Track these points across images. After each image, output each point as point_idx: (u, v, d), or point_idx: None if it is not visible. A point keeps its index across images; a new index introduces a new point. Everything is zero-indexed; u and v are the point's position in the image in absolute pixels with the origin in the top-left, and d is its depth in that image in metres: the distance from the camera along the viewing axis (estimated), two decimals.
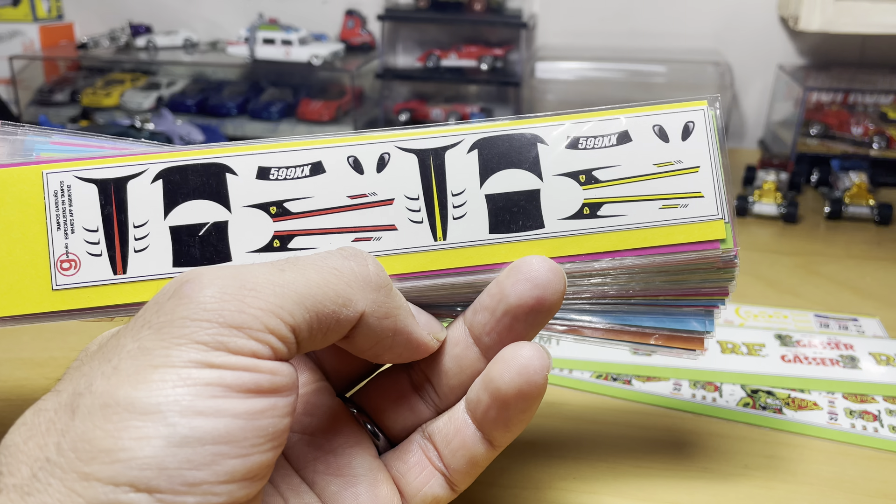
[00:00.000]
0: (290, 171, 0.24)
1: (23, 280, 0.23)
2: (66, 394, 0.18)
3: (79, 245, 0.23)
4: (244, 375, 0.18)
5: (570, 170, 0.25)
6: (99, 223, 0.24)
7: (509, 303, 0.23)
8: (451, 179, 0.25)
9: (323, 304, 0.20)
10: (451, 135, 0.25)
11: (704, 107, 0.26)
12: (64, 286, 0.23)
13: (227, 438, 0.17)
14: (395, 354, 0.23)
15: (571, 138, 0.25)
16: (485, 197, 0.25)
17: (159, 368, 0.17)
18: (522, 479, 0.30)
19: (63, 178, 0.24)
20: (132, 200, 0.24)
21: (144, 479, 0.16)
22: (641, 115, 0.26)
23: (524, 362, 0.22)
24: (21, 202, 0.23)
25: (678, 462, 0.31)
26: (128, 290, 0.23)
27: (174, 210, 0.24)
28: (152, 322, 0.18)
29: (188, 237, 0.24)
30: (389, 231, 0.24)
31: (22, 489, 0.16)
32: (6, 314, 0.23)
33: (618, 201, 0.25)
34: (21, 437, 0.18)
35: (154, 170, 0.24)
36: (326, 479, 0.23)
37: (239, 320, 0.18)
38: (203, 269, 0.19)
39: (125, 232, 0.24)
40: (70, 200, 0.24)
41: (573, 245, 0.25)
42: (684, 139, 0.25)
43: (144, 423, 0.17)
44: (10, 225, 0.23)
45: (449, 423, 0.24)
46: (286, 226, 0.24)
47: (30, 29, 0.89)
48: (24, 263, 0.23)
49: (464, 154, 0.25)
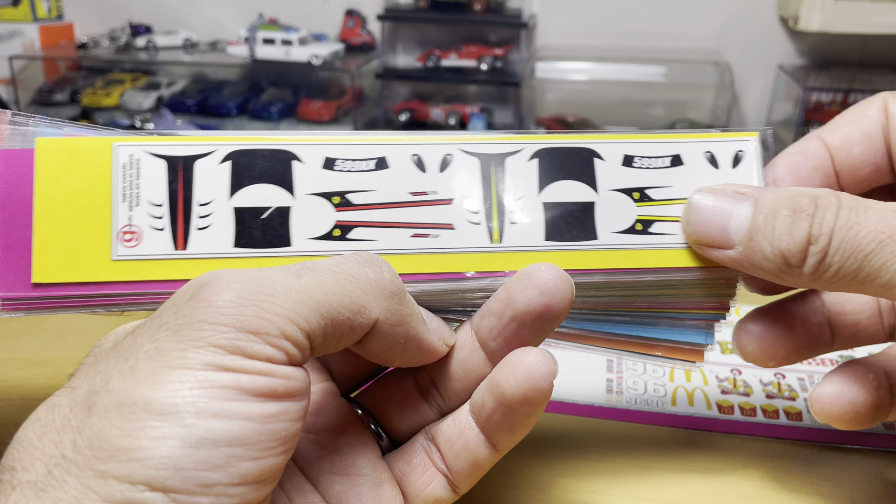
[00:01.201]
0: (355, 164, 0.25)
1: (83, 248, 0.23)
2: (82, 391, 0.18)
3: (142, 218, 0.24)
4: (259, 380, 0.18)
5: (625, 186, 0.26)
6: (165, 198, 0.24)
7: (517, 308, 0.23)
8: (510, 185, 0.25)
9: (338, 310, 0.20)
10: (513, 142, 0.26)
11: (756, 137, 0.27)
12: (123, 257, 0.23)
13: (242, 441, 0.17)
14: (405, 359, 0.23)
15: (627, 156, 0.26)
16: (542, 204, 0.25)
17: (176, 370, 0.17)
18: (523, 479, 0.30)
19: (133, 151, 0.24)
20: (199, 179, 0.24)
21: (160, 479, 0.16)
22: (694, 142, 0.26)
23: (530, 367, 0.22)
24: (89, 172, 0.24)
25: (678, 462, 0.31)
26: (186, 266, 0.24)
27: (240, 191, 0.24)
28: (170, 323, 0.18)
29: (251, 219, 0.24)
30: (447, 230, 0.25)
31: (36, 485, 0.16)
32: (64, 280, 0.23)
33: (669, 220, 0.26)
34: (35, 433, 0.18)
35: (223, 151, 0.24)
36: (331, 478, 0.23)
37: (256, 325, 0.18)
38: (222, 272, 0.19)
39: (189, 209, 0.24)
40: (138, 174, 0.24)
41: (624, 259, 0.25)
42: (734, 166, 0.26)
43: (161, 423, 0.17)
44: (76, 193, 0.23)
45: (453, 425, 0.24)
46: (347, 216, 0.24)
47: (30, 29, 0.89)
48: (85, 231, 0.23)
49: (525, 161, 0.26)
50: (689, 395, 0.36)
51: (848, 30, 0.67)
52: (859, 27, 0.67)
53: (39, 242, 0.23)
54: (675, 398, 0.36)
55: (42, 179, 0.23)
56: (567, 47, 0.87)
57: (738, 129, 0.27)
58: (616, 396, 0.36)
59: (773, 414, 0.35)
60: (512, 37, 0.85)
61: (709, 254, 0.25)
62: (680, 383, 0.37)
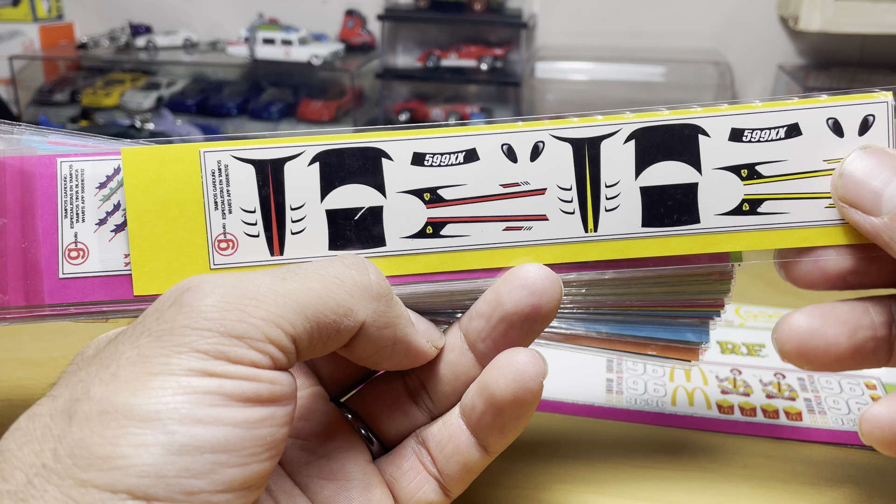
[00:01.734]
0: (445, 158, 0.24)
1: (181, 258, 0.23)
2: (63, 399, 0.18)
3: (236, 225, 0.24)
4: (244, 385, 0.18)
5: (731, 163, 0.24)
6: (256, 204, 0.24)
7: (505, 310, 0.23)
8: (605, 170, 0.25)
9: (324, 313, 0.20)
10: (608, 124, 0.25)
11: (889, 98, 0.24)
12: (222, 265, 0.24)
13: (226, 447, 0.17)
14: (393, 362, 0.23)
15: (735, 130, 0.24)
16: (639, 189, 0.24)
17: (159, 376, 0.17)
18: (522, 479, 0.30)
19: (220, 157, 0.24)
20: (289, 182, 0.24)
21: (142, 487, 0.16)
22: (815, 107, 0.24)
23: (520, 368, 0.22)
24: (179, 181, 0.23)
25: (678, 462, 0.31)
26: None
27: (331, 193, 0.24)
28: (152, 329, 0.18)
29: (344, 221, 0.24)
30: (541, 221, 0.24)
31: (17, 495, 0.16)
32: None
33: (781, 198, 0.24)
34: (16, 443, 0.17)
35: (311, 152, 0.24)
36: (319, 483, 0.23)
37: (239, 330, 0.18)
38: (204, 276, 0.19)
39: (282, 213, 0.24)
40: (227, 180, 0.24)
41: (729, 242, 0.24)
42: (861, 134, 0.24)
43: (143, 431, 0.16)
44: (168, 204, 0.23)
45: (443, 428, 0.24)
46: (439, 212, 0.24)
47: (30, 29, 0.89)
48: (181, 242, 0.23)
49: (620, 144, 0.25)
50: (689, 395, 0.36)
51: (848, 30, 0.67)
52: (859, 27, 0.67)
53: (137, 255, 0.23)
54: (674, 398, 0.36)
55: (132, 190, 0.23)
56: (567, 47, 0.87)
57: (867, 90, 0.24)
58: (616, 396, 0.36)
59: (773, 414, 0.35)
60: (512, 37, 0.85)
61: (850, 215, 0.23)
62: (680, 383, 0.37)
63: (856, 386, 0.37)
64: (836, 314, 0.24)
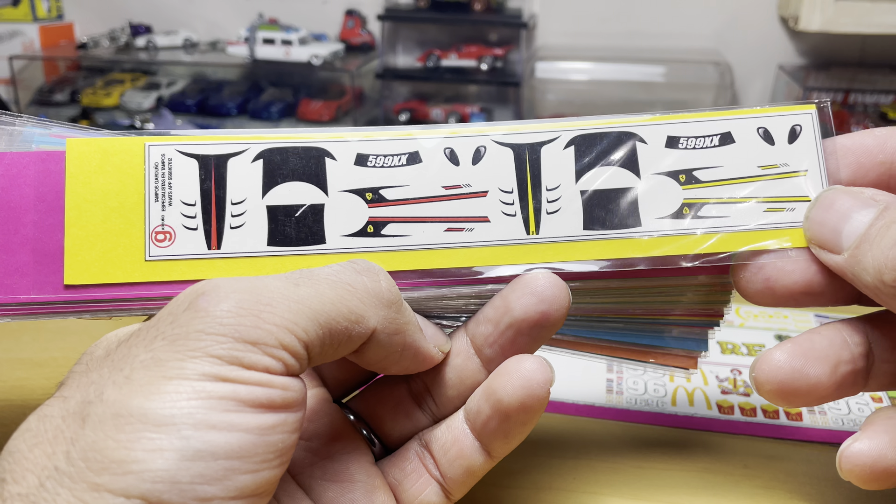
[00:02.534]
0: (388, 160, 0.25)
1: (116, 249, 0.23)
2: (75, 401, 0.18)
3: (175, 218, 0.24)
4: (257, 390, 0.18)
5: (669, 169, 0.25)
6: (197, 197, 0.24)
7: (514, 316, 0.23)
8: (546, 174, 0.25)
9: (336, 320, 0.20)
10: (547, 131, 0.25)
11: (812, 111, 0.25)
12: (157, 257, 0.23)
13: (239, 453, 0.17)
14: (401, 367, 0.23)
15: (671, 137, 0.25)
16: (580, 193, 0.25)
17: (173, 380, 0.17)
18: (522, 479, 0.30)
19: (165, 151, 0.24)
20: (231, 177, 0.24)
21: (156, 493, 0.16)
22: (745, 117, 0.25)
23: (527, 375, 0.22)
24: (121, 172, 0.23)
25: (678, 462, 0.31)
26: (220, 265, 0.24)
27: (272, 190, 0.24)
28: (166, 333, 0.18)
29: (285, 217, 0.24)
30: (482, 223, 0.24)
31: (28, 498, 0.16)
32: (98, 282, 0.23)
33: (720, 202, 0.25)
34: (26, 444, 0.17)
35: (255, 149, 0.24)
36: (323, 484, 0.23)
37: (254, 336, 0.18)
38: (219, 281, 0.19)
39: (222, 208, 0.24)
40: (170, 173, 0.24)
41: (671, 245, 0.24)
42: (791, 142, 0.25)
43: (158, 435, 0.16)
44: (108, 194, 0.23)
45: (447, 432, 0.24)
46: (381, 212, 0.24)
47: (30, 29, 0.89)
48: (118, 232, 0.23)
49: (560, 150, 0.25)
50: (690, 395, 0.36)
51: (848, 30, 0.67)
52: (859, 27, 0.67)
53: (72, 244, 0.23)
54: (675, 398, 0.36)
55: (73, 180, 0.23)
56: (567, 47, 0.87)
57: (793, 103, 0.25)
58: (616, 396, 0.36)
59: (773, 414, 0.35)
60: (512, 37, 0.85)
61: (821, 256, 0.24)
62: (680, 383, 0.37)
63: None
64: (816, 351, 0.24)
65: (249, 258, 0.24)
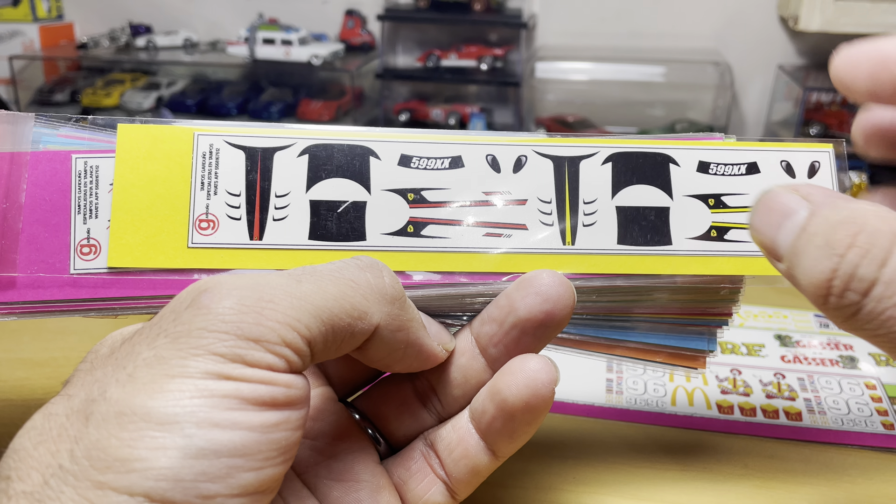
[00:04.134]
0: (431, 162, 0.25)
1: (159, 234, 0.23)
2: (79, 399, 0.18)
3: (219, 207, 0.24)
4: (260, 388, 0.18)
5: (700, 192, 0.26)
6: (242, 188, 0.24)
7: (518, 316, 0.23)
8: (583, 187, 0.25)
9: (339, 316, 0.20)
10: (588, 146, 0.26)
11: (830, 149, 0.27)
12: (199, 245, 0.24)
13: (242, 451, 0.17)
14: (404, 365, 0.23)
15: (702, 162, 0.26)
16: (615, 208, 0.25)
17: (176, 378, 0.17)
18: (523, 479, 0.30)
19: (213, 141, 0.24)
20: (277, 170, 0.24)
21: (160, 491, 0.16)
22: (770, 150, 0.26)
23: (532, 374, 0.22)
24: (169, 159, 0.24)
25: (678, 462, 0.31)
26: (261, 255, 0.24)
27: (316, 185, 0.24)
28: (169, 331, 0.18)
29: (327, 212, 0.24)
30: (520, 230, 0.25)
31: (33, 496, 0.16)
32: (140, 265, 0.23)
33: (744, 228, 0.26)
34: (31, 442, 0.17)
35: (302, 144, 0.25)
36: (328, 483, 0.23)
37: (256, 333, 0.18)
38: (222, 277, 0.19)
39: (266, 199, 0.24)
40: (217, 163, 0.24)
41: (700, 265, 0.25)
42: (810, 176, 0.26)
43: (161, 434, 0.16)
44: (155, 179, 0.24)
45: (452, 431, 0.24)
46: (421, 213, 0.25)
47: (30, 29, 0.89)
48: (162, 218, 0.24)
49: (598, 165, 0.26)
50: (689, 395, 0.36)
51: (848, 30, 0.67)
52: (859, 27, 0.67)
53: (117, 227, 0.23)
54: (674, 398, 0.36)
55: (122, 165, 0.24)
56: (567, 47, 0.87)
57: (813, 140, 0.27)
58: (616, 396, 0.36)
59: (773, 414, 0.35)
60: (512, 37, 0.85)
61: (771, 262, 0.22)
62: (680, 383, 0.37)
63: (856, 386, 0.37)
64: None
65: (290, 250, 0.24)
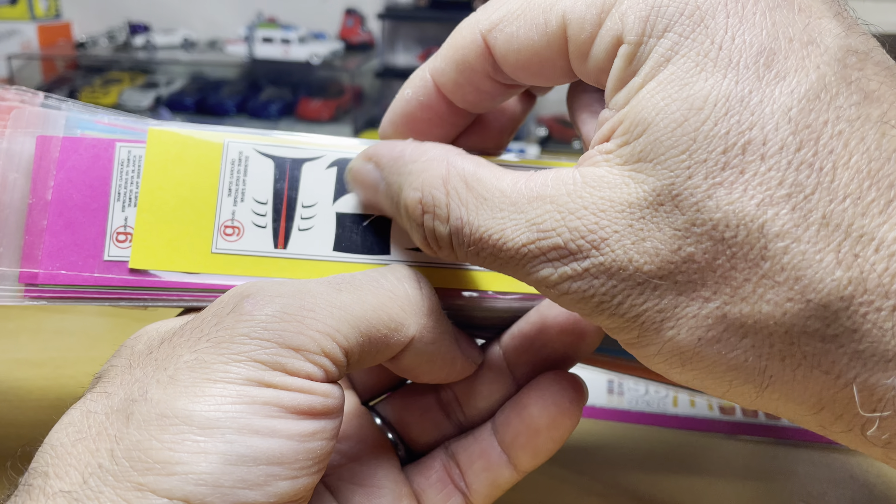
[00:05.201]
0: None
1: (183, 238, 0.24)
2: (119, 398, 0.18)
3: (245, 214, 0.24)
4: (300, 397, 0.18)
5: None
6: (270, 196, 0.24)
7: (549, 333, 0.23)
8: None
9: (376, 327, 0.20)
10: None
11: None
12: (223, 251, 0.24)
13: (280, 459, 0.17)
14: (433, 376, 0.23)
15: None
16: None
17: (218, 383, 0.17)
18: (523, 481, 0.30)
19: (243, 148, 0.24)
20: (305, 181, 0.24)
21: (199, 495, 0.16)
22: None
23: (560, 392, 0.22)
24: (198, 164, 0.24)
25: (679, 463, 0.31)
26: (284, 265, 0.24)
27: (343, 197, 0.24)
28: (211, 335, 0.18)
29: (352, 224, 0.24)
30: None
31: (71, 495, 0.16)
32: (162, 268, 0.23)
33: None
34: (69, 439, 0.17)
35: (331, 157, 0.25)
36: (351, 488, 0.23)
37: (297, 342, 0.18)
38: (264, 284, 0.19)
39: (293, 209, 0.24)
40: (245, 170, 0.24)
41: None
42: None
43: (203, 438, 0.16)
44: (183, 184, 0.24)
45: (474, 443, 0.24)
46: None
47: (27, 28, 0.89)
48: (187, 222, 0.24)
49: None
50: (691, 396, 0.36)
51: None
52: None
53: (141, 228, 0.23)
54: (676, 399, 0.36)
55: (151, 167, 0.24)
56: None
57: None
58: (617, 398, 0.36)
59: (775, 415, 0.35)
60: None
61: None
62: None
63: None
64: None
65: (313, 261, 0.24)
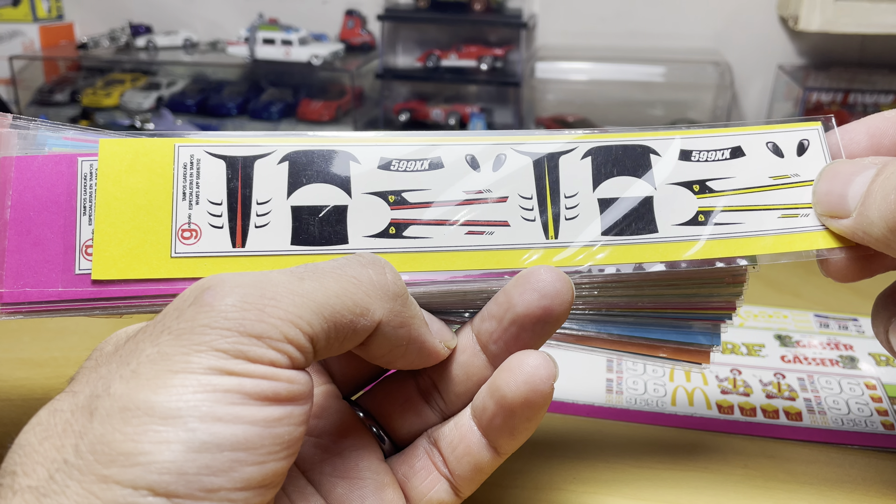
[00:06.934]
0: (411, 164, 0.25)
1: (143, 245, 0.24)
2: (84, 395, 0.18)
3: (201, 216, 0.24)
4: (263, 383, 0.18)
5: (683, 179, 0.26)
6: (224, 197, 0.24)
7: (516, 312, 0.23)
8: (564, 182, 0.26)
9: (341, 313, 0.20)
10: (566, 141, 0.26)
11: (819, 126, 0.27)
12: (182, 254, 0.24)
13: (245, 445, 0.17)
14: (406, 362, 0.23)
15: (684, 151, 0.26)
16: (598, 200, 0.26)
17: (179, 374, 0.17)
18: (522, 479, 0.30)
19: (193, 151, 0.24)
20: (258, 178, 0.25)
21: (163, 484, 0.16)
22: (754, 133, 0.27)
23: (531, 371, 0.22)
24: (150, 171, 0.24)
25: (678, 462, 0.31)
26: (244, 263, 0.24)
27: (297, 191, 0.25)
28: (172, 328, 0.18)
29: (308, 217, 0.25)
30: (502, 227, 0.25)
31: (38, 490, 0.16)
32: (124, 277, 0.24)
33: (733, 210, 0.26)
34: (36, 438, 0.18)
35: (282, 151, 0.25)
36: (333, 480, 0.23)
37: (258, 329, 0.18)
38: (224, 275, 0.19)
39: (248, 207, 0.24)
40: (198, 173, 0.24)
41: (687, 249, 0.25)
42: (800, 155, 0.27)
43: (164, 428, 0.17)
44: (137, 192, 0.24)
45: (454, 429, 0.24)
46: (403, 214, 0.25)
47: (30, 29, 0.89)
48: (145, 229, 0.24)
49: (577, 160, 0.26)
50: (689, 395, 0.36)
51: (848, 30, 0.67)
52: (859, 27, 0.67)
53: (100, 240, 0.24)
54: (674, 398, 0.36)
55: (104, 179, 0.24)
56: (567, 47, 0.87)
57: (797, 119, 0.27)
58: (616, 396, 0.36)
59: (773, 414, 0.35)
60: (512, 37, 0.85)
61: (832, 225, 0.25)
62: (680, 383, 0.37)
63: (856, 386, 0.37)
64: None
65: (273, 256, 0.24)
